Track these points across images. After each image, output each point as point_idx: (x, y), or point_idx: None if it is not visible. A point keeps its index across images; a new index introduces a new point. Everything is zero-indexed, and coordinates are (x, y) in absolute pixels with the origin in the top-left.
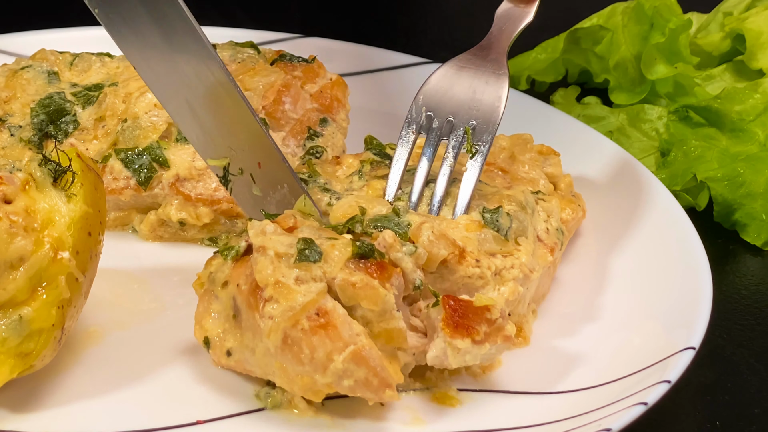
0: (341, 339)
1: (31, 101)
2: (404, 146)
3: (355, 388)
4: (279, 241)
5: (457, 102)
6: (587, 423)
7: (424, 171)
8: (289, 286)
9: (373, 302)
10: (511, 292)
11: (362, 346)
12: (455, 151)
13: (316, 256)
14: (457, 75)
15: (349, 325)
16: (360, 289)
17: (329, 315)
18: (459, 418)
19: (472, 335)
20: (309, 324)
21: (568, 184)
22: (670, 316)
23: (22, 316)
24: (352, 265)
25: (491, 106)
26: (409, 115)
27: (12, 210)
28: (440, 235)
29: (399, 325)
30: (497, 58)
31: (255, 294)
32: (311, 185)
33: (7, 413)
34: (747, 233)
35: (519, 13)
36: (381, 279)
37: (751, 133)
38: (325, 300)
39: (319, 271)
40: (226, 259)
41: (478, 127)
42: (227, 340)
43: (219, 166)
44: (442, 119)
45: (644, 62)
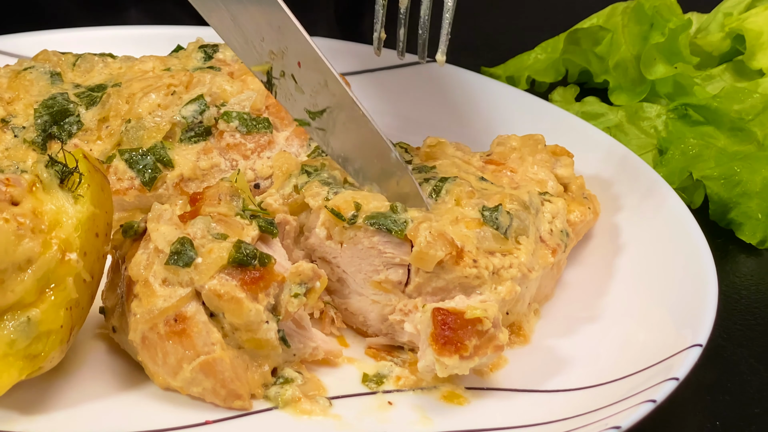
0: (194, 348)
1: (34, 102)
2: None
3: (204, 395)
4: (164, 234)
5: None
6: (596, 420)
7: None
8: (153, 288)
9: (237, 315)
10: (508, 291)
11: (212, 358)
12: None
13: (187, 259)
14: None
15: (207, 333)
16: (225, 301)
17: (187, 322)
18: (467, 417)
19: (460, 352)
20: (165, 329)
21: (579, 185)
22: (676, 314)
23: (30, 317)
24: (226, 273)
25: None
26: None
27: (19, 212)
28: (438, 234)
29: (267, 336)
30: None
31: (130, 287)
32: (313, 178)
33: (17, 415)
34: (743, 232)
35: None
36: (253, 291)
37: (749, 132)
38: (187, 306)
39: (187, 277)
40: (125, 237)
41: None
42: (114, 317)
43: (262, 72)
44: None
45: (644, 62)
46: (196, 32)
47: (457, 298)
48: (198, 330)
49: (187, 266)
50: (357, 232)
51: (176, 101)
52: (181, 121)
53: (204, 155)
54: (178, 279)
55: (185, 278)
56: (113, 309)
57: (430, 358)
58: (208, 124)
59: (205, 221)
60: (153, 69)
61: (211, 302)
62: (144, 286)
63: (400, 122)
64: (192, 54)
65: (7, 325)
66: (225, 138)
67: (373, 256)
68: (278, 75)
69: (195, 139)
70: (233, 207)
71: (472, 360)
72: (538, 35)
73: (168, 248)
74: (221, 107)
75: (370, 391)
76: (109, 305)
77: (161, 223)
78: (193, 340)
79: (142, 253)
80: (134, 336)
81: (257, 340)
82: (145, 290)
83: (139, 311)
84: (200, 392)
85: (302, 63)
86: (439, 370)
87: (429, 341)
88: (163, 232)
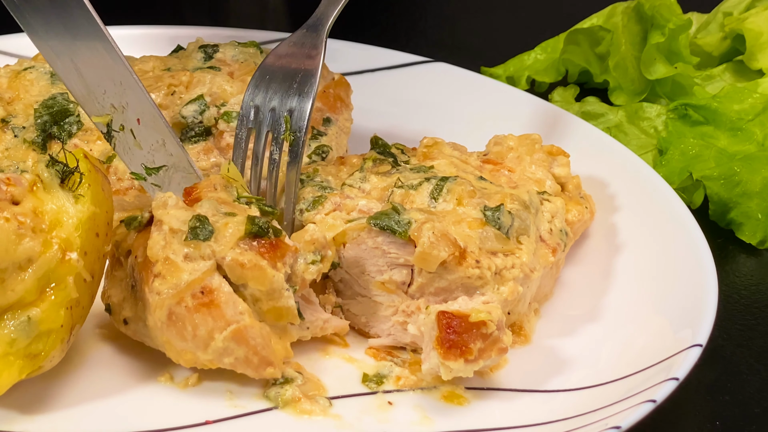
0: (223, 318)
1: (34, 102)
2: (239, 146)
3: (236, 365)
4: (176, 216)
5: (276, 90)
6: (596, 420)
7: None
8: (176, 263)
9: (260, 283)
10: (510, 291)
11: (244, 325)
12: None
13: (206, 234)
14: (277, 64)
15: (234, 303)
16: (248, 269)
17: (213, 293)
18: (467, 417)
19: (465, 355)
20: (192, 302)
21: (576, 185)
22: (676, 314)
23: (30, 317)
24: (244, 244)
25: (306, 90)
26: (240, 116)
27: (20, 211)
28: (441, 235)
29: (288, 304)
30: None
31: (147, 268)
32: (307, 184)
33: (17, 414)
34: (743, 232)
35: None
36: (272, 259)
37: (749, 132)
38: (211, 278)
39: (209, 250)
40: (129, 229)
41: (296, 115)
42: (125, 309)
43: (102, 123)
44: (265, 111)
45: (644, 62)
46: (196, 32)
47: (460, 298)
48: (225, 300)
49: (207, 239)
50: (360, 233)
51: (176, 101)
52: (181, 121)
53: (204, 155)
54: (200, 253)
55: (207, 251)
56: (121, 303)
57: (434, 361)
58: (208, 124)
59: (212, 203)
60: (153, 69)
61: (233, 272)
62: (166, 263)
63: (399, 122)
64: (192, 54)
65: (8, 324)
66: (225, 138)
67: (377, 257)
68: (118, 128)
69: (195, 139)
70: (230, 195)
71: (477, 363)
72: (538, 35)
73: (184, 226)
74: (221, 107)
75: (370, 391)
76: (115, 300)
77: (169, 207)
78: (221, 310)
79: (157, 235)
80: (160, 314)
81: (278, 309)
82: (168, 267)
83: (164, 288)
84: (232, 362)
85: (141, 120)
86: (443, 373)
87: (434, 345)
88: (174, 215)
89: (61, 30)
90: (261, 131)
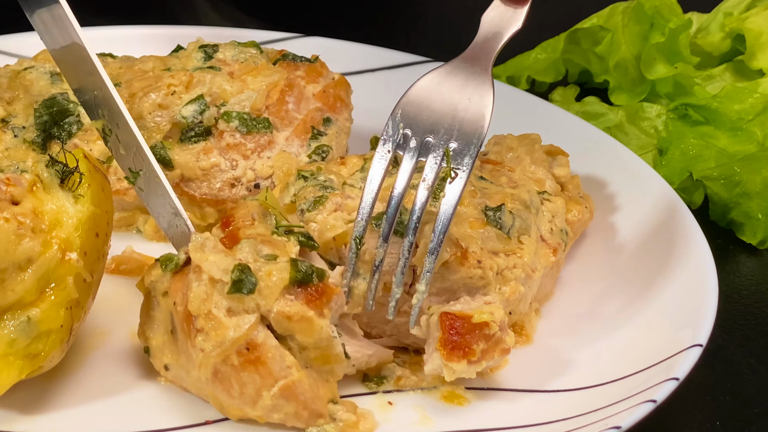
0: (271, 375)
1: (34, 102)
2: (380, 164)
3: (286, 420)
4: (215, 263)
5: (436, 119)
6: (596, 421)
7: (399, 195)
8: (220, 319)
9: (308, 335)
10: (512, 291)
11: (292, 381)
12: (434, 173)
13: (250, 286)
14: (438, 89)
15: (281, 358)
16: (295, 322)
17: (259, 349)
18: (467, 417)
19: (468, 357)
20: (238, 360)
21: (575, 185)
22: (676, 314)
23: (30, 317)
24: (289, 294)
25: (473, 125)
26: (386, 132)
27: (20, 211)
28: None
29: (337, 350)
30: (482, 71)
31: (189, 321)
32: (310, 182)
33: (17, 415)
34: (743, 232)
35: (508, 19)
36: (318, 307)
37: (749, 132)
38: (257, 332)
39: (253, 303)
40: (165, 270)
41: (457, 149)
42: (165, 355)
43: (99, 127)
44: (419, 138)
45: (644, 62)
46: (196, 32)
47: (462, 299)
48: (272, 355)
49: (251, 292)
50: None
51: (176, 101)
52: (181, 121)
53: (204, 155)
54: (244, 307)
55: (251, 305)
56: (161, 347)
57: (437, 362)
58: (208, 124)
59: (251, 244)
60: (153, 69)
61: (280, 325)
62: (208, 319)
63: None
64: (192, 54)
65: (8, 325)
66: (225, 138)
67: (392, 256)
68: (108, 132)
69: (195, 139)
70: (268, 226)
71: (480, 364)
72: (538, 35)
73: (226, 277)
74: (221, 107)
75: (371, 391)
76: (154, 344)
77: (207, 252)
78: (268, 366)
79: (198, 286)
80: (204, 372)
81: (326, 356)
82: (211, 323)
83: (208, 345)
84: (282, 418)
85: (119, 124)
86: (446, 374)
87: (437, 346)
88: (214, 262)
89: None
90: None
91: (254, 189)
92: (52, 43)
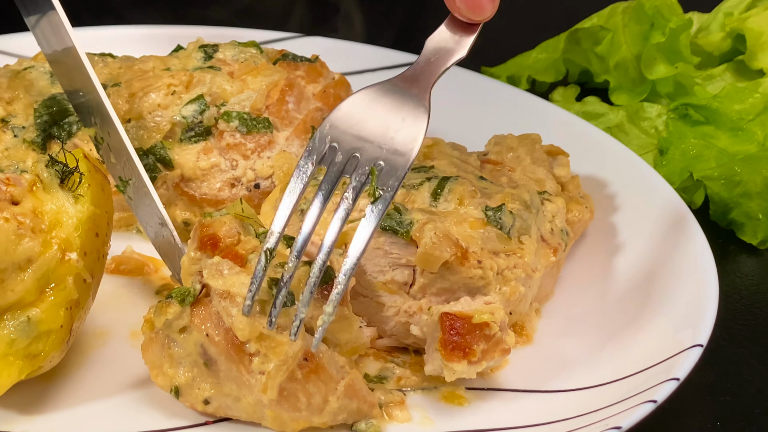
0: (332, 379)
1: (34, 102)
2: (299, 177)
3: (349, 418)
4: (240, 282)
5: (366, 136)
6: (596, 421)
7: (316, 211)
8: (275, 338)
9: (348, 331)
10: (512, 291)
11: (351, 378)
12: (356, 192)
13: (291, 297)
14: (372, 106)
15: (334, 360)
16: (337, 322)
17: (316, 357)
18: (467, 417)
19: (468, 357)
20: (302, 372)
21: (576, 185)
22: (676, 314)
23: (30, 317)
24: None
25: (404, 147)
26: (311, 143)
27: (20, 211)
28: (443, 235)
29: (363, 340)
30: (419, 93)
31: (237, 348)
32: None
33: (16, 415)
34: (744, 232)
35: (452, 46)
36: (346, 302)
37: (750, 132)
38: (306, 341)
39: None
40: (183, 305)
41: (385, 170)
42: (202, 389)
43: (92, 135)
44: (346, 153)
45: (644, 62)
46: (196, 32)
47: (462, 299)
48: (327, 360)
49: (293, 304)
50: None
51: (176, 101)
52: (181, 121)
53: (204, 155)
54: (290, 320)
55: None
56: (193, 383)
57: (438, 363)
58: (208, 124)
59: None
60: (153, 69)
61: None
62: (263, 340)
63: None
64: (192, 54)
65: (7, 325)
66: (225, 138)
67: (379, 257)
68: (100, 140)
69: (195, 139)
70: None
71: (480, 365)
72: (538, 35)
73: (266, 295)
74: (221, 107)
75: None
76: (183, 381)
77: (228, 276)
78: (327, 371)
79: (238, 312)
80: (270, 393)
81: (356, 348)
82: (268, 344)
83: (269, 366)
84: (345, 418)
85: (110, 133)
86: (447, 375)
87: (437, 347)
88: (239, 282)
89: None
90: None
91: (254, 189)
92: (48, 48)
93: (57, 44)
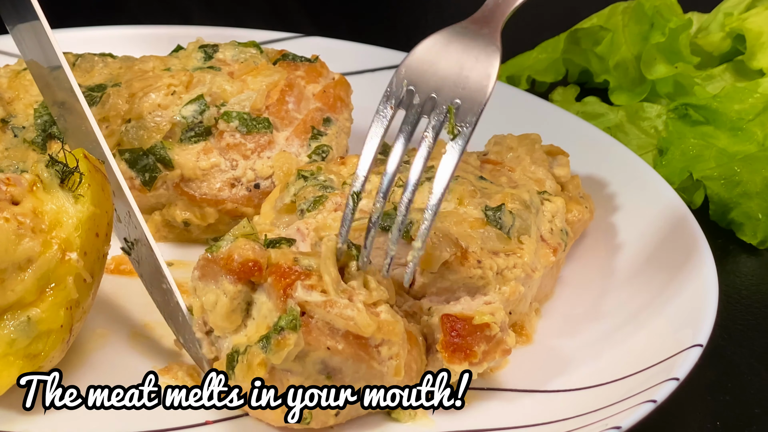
0: (417, 342)
1: (34, 102)
2: (380, 122)
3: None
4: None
5: (441, 77)
6: (595, 421)
7: (399, 151)
8: (389, 320)
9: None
10: (512, 291)
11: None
12: (435, 131)
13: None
14: (445, 49)
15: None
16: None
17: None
18: (467, 417)
19: (469, 358)
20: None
21: (576, 185)
22: (676, 314)
23: (30, 317)
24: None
25: (479, 84)
26: (389, 89)
27: (20, 211)
28: (443, 235)
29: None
30: (490, 33)
31: (364, 346)
32: (310, 182)
33: (17, 415)
34: (743, 232)
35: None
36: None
37: (750, 132)
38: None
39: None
40: (296, 330)
41: (462, 107)
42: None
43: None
44: (424, 95)
45: (644, 62)
46: (196, 32)
47: (462, 299)
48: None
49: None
50: (362, 233)
51: (176, 101)
52: (181, 121)
53: (204, 155)
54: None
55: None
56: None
57: (439, 364)
58: (208, 124)
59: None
60: (153, 69)
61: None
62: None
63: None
64: (192, 54)
65: (7, 325)
66: (225, 138)
67: (379, 257)
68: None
69: (195, 139)
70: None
71: (481, 365)
72: (538, 35)
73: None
74: (221, 107)
75: None
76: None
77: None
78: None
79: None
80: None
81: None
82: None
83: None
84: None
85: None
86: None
87: (438, 348)
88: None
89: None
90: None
91: (254, 189)
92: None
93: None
